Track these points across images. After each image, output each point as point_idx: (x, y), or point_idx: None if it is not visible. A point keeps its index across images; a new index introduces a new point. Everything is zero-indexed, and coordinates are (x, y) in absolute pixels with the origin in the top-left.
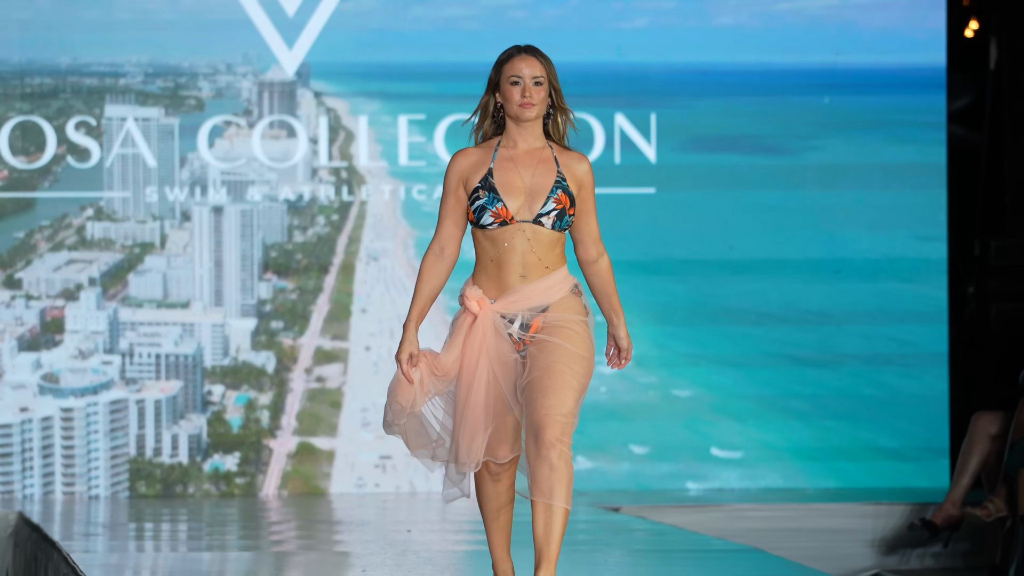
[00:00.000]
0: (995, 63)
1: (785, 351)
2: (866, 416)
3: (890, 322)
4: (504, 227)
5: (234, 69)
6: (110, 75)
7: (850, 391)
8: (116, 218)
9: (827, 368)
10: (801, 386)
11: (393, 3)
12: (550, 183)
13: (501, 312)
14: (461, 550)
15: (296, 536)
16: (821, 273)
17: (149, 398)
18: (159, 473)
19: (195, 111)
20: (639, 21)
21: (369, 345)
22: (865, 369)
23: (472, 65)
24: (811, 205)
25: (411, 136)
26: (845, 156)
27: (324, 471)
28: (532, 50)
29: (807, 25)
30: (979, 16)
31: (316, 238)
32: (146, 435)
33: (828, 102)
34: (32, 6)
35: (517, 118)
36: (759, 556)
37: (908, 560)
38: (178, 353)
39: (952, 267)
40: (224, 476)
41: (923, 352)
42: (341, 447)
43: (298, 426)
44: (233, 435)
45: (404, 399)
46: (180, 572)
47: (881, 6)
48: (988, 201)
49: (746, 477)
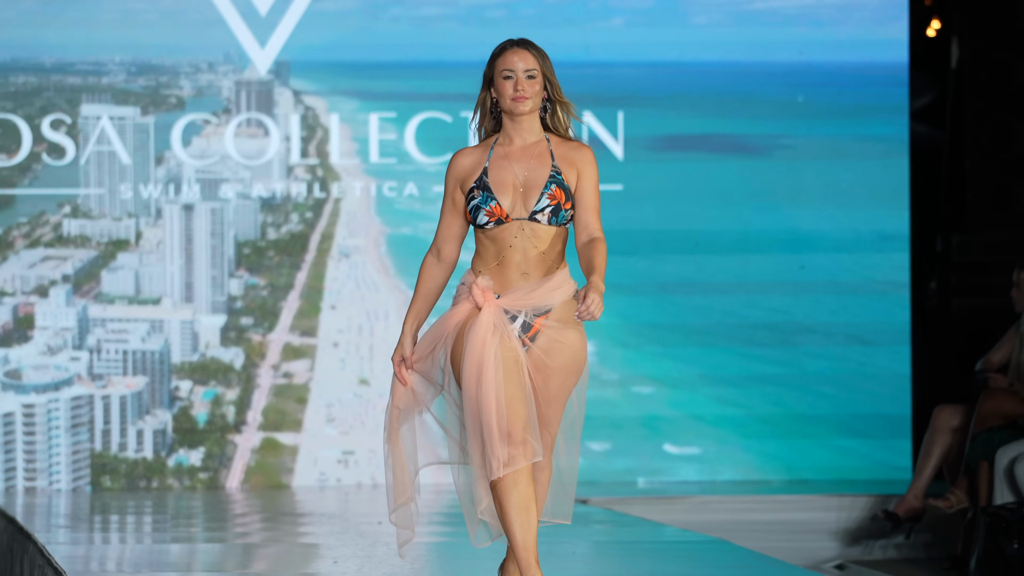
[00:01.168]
0: (956, 62)
1: (749, 347)
2: (830, 409)
3: (853, 316)
4: (502, 226)
5: (216, 68)
6: (93, 73)
7: (814, 385)
8: (92, 216)
9: (791, 363)
10: (766, 381)
11: (369, 2)
12: (544, 178)
13: (505, 308)
14: (432, 542)
15: (262, 528)
16: (786, 268)
17: (115, 394)
18: (124, 468)
19: (176, 109)
20: (615, 20)
21: (337, 341)
22: (829, 363)
23: (448, 64)
24: (776, 202)
25: (383, 133)
26: (810, 153)
27: (287, 466)
28: (525, 43)
29: (775, 25)
30: (941, 16)
31: (289, 235)
32: (111, 430)
33: (802, 100)
34: (16, 6)
35: (511, 112)
36: (725, 547)
37: (871, 551)
38: (145, 349)
39: (915, 262)
40: (188, 471)
41: (886, 346)
42: (305, 442)
43: (263, 421)
44: (199, 430)
45: (400, 401)
46: (151, 563)
47: (846, 6)
48: (950, 197)
49: (709, 471)
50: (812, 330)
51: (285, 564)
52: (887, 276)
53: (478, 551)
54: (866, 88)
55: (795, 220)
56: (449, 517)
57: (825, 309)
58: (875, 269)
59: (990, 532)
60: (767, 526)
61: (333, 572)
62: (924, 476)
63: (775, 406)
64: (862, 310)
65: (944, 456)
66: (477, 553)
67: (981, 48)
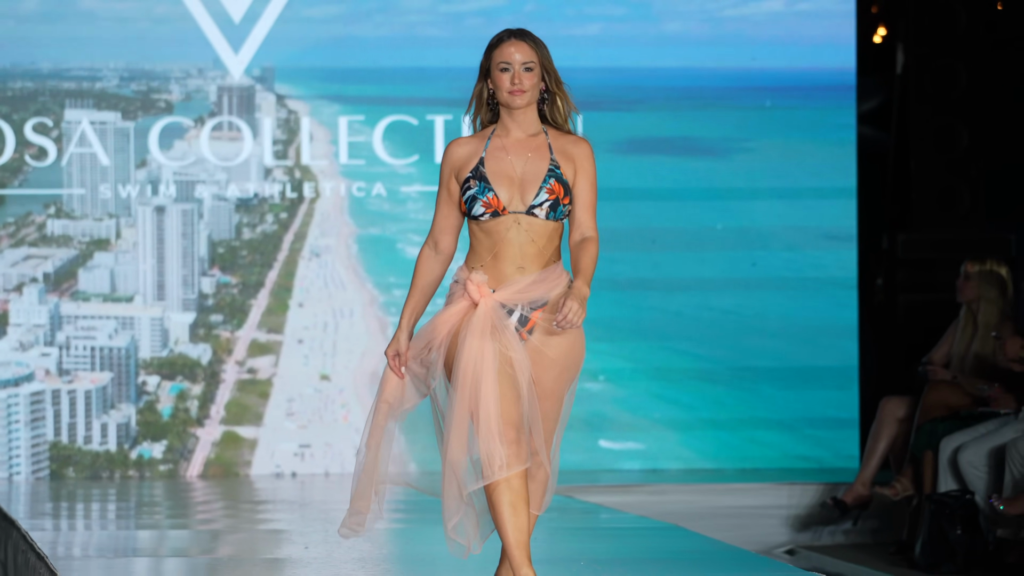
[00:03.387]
0: (901, 68)
1: (702, 341)
2: (782, 401)
3: (803, 311)
4: (497, 218)
5: (205, 73)
6: (87, 79)
7: (766, 378)
8: (75, 216)
9: (744, 356)
10: (718, 374)
11: (344, 10)
12: (543, 172)
13: (501, 302)
14: (398, 528)
15: (226, 515)
16: (738, 265)
17: (80, 388)
18: (87, 460)
19: (164, 113)
20: (592, 28)
21: (302, 338)
22: (780, 357)
23: (422, 70)
24: (730, 203)
25: (352, 136)
26: (763, 154)
27: (245, 458)
28: (522, 34)
29: (730, 33)
30: (887, 24)
31: (263, 235)
32: (77, 424)
33: (770, 105)
34: (14, 13)
35: (508, 105)
36: (680, 533)
37: (820, 537)
38: (112, 346)
39: (862, 260)
40: (149, 463)
41: (835, 340)
42: (264, 435)
43: (225, 415)
44: (161, 424)
45: (390, 395)
46: (121, 549)
47: (798, 15)
48: (896, 197)
49: (663, 460)
50: (764, 324)
51: (251, 549)
52: (836, 273)
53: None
54: (816, 92)
55: (748, 220)
56: (410, 505)
57: (776, 304)
58: (824, 266)
59: (934, 518)
60: (720, 512)
61: (305, 557)
62: (871, 465)
63: (727, 398)
64: (812, 305)
65: (890, 446)
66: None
67: (925, 54)
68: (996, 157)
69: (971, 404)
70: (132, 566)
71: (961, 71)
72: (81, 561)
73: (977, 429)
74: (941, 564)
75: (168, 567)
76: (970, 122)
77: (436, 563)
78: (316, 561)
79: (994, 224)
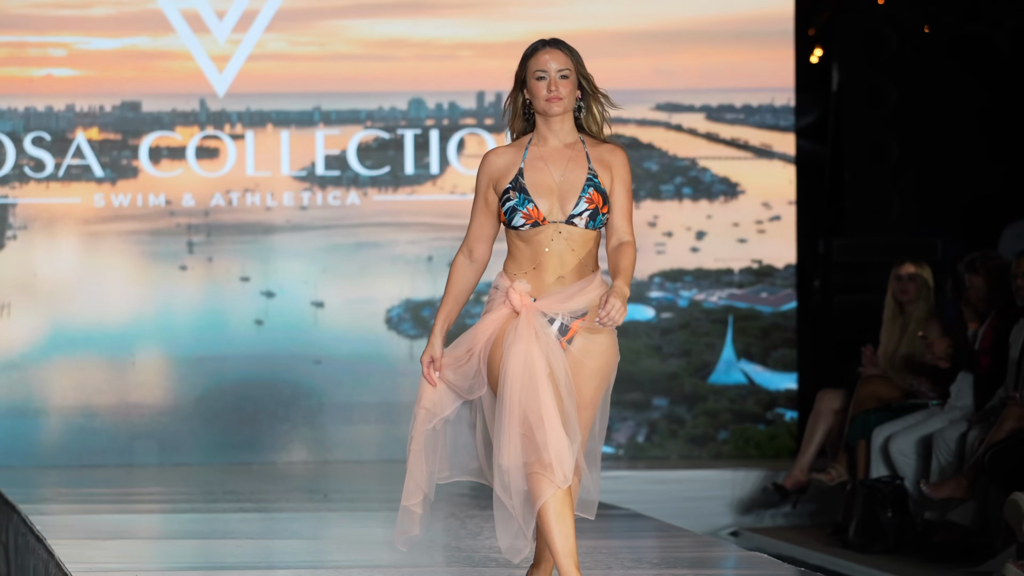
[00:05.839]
0: (836, 85)
1: (635, 341)
2: (725, 395)
3: (747, 310)
4: (537, 228)
5: (193, 89)
6: (82, 91)
7: (712, 370)
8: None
9: (694, 351)
10: (666, 368)
11: (321, 31)
12: (581, 181)
13: (542, 311)
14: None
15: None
16: (684, 261)
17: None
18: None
19: (155, 127)
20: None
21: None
22: (718, 342)
23: (389, 91)
24: (683, 208)
25: (328, 149)
26: (710, 164)
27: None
28: (557, 43)
29: (679, 52)
30: (823, 45)
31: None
32: None
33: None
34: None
35: (545, 113)
36: (628, 515)
37: (762, 519)
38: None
39: (800, 263)
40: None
41: (776, 338)
42: None
43: None
44: None
45: (428, 402)
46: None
47: (739, 34)
48: (831, 205)
49: (618, 448)
50: (713, 319)
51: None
52: (777, 275)
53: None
54: (758, 107)
55: (696, 223)
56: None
57: (724, 303)
58: (766, 268)
59: (867, 502)
60: (669, 497)
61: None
62: (809, 452)
63: (674, 390)
64: (756, 305)
65: (826, 435)
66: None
67: (858, 73)
68: (923, 168)
69: (901, 396)
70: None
71: (891, 89)
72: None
73: (906, 419)
74: (873, 544)
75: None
76: (900, 136)
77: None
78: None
79: (921, 230)
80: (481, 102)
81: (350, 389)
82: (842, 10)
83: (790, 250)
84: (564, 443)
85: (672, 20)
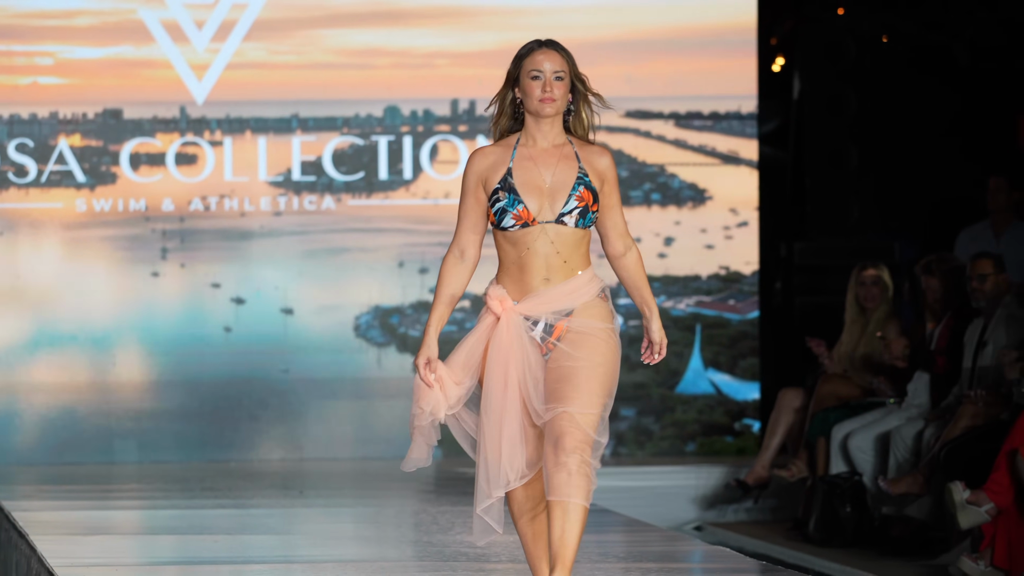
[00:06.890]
0: (798, 93)
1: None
2: (694, 405)
3: (714, 318)
4: (526, 229)
5: (173, 97)
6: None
7: (676, 370)
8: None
9: (659, 363)
10: (641, 382)
11: (299, 40)
12: (571, 180)
13: (524, 314)
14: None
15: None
16: (652, 267)
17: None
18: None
19: (138, 134)
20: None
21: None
22: (686, 351)
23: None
24: (652, 214)
25: (304, 155)
26: (676, 170)
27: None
28: (553, 44)
29: (647, 60)
30: (784, 54)
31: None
32: None
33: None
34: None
35: (537, 114)
36: (595, 511)
37: (725, 514)
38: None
39: (763, 266)
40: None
41: (743, 347)
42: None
43: None
44: None
45: (425, 403)
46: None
47: (704, 43)
48: (792, 210)
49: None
50: (676, 320)
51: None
52: (740, 277)
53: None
54: (725, 115)
55: (663, 228)
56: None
57: (687, 303)
58: (729, 271)
59: (827, 498)
60: (634, 492)
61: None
62: (770, 449)
63: (641, 399)
64: (718, 306)
65: (787, 432)
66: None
67: (818, 82)
68: (882, 174)
69: (860, 395)
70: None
71: (851, 97)
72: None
73: (865, 417)
74: (832, 538)
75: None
76: (859, 143)
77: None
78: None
79: (880, 233)
80: (455, 109)
81: (320, 391)
82: (803, 20)
83: (757, 256)
84: (500, 487)
85: (641, 30)
